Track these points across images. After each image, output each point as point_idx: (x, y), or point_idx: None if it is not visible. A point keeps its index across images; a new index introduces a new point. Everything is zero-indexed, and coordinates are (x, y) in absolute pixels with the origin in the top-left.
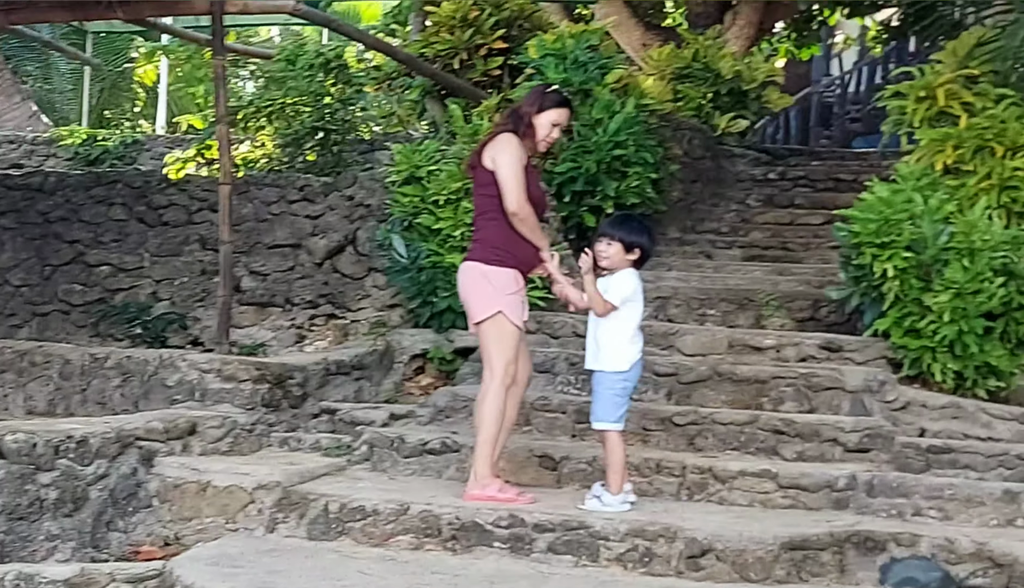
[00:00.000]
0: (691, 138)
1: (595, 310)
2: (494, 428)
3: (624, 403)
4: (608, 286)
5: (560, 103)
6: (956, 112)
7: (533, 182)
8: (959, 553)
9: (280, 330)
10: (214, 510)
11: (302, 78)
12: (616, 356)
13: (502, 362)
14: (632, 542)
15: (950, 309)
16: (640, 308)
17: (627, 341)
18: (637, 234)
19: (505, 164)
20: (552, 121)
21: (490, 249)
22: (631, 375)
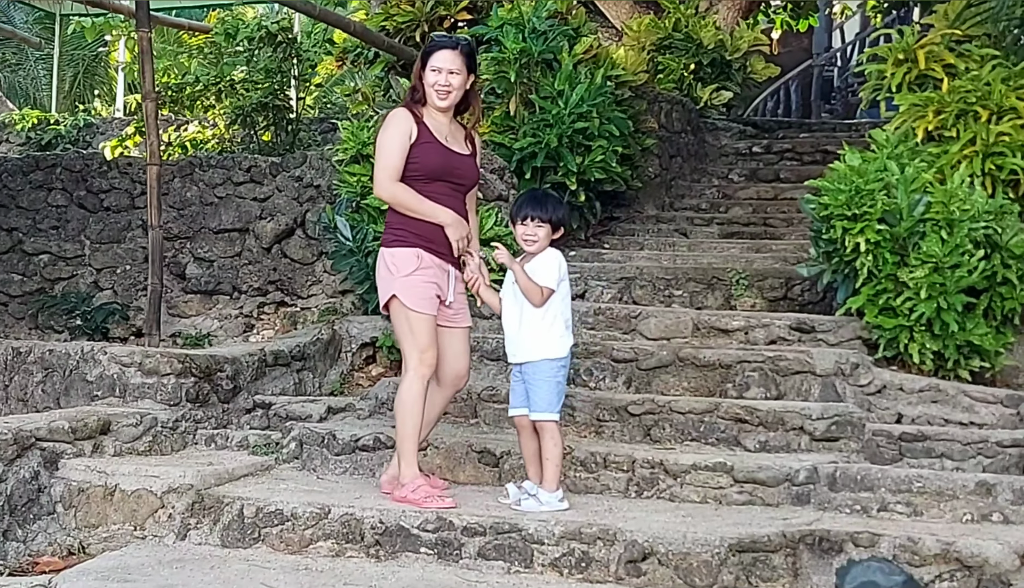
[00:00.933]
0: (669, 111)
1: (533, 301)
2: (410, 424)
3: (561, 390)
4: (535, 270)
5: (435, 47)
6: (938, 75)
7: (433, 152)
8: (923, 554)
9: (227, 319)
10: (121, 516)
11: (241, 53)
12: (554, 343)
13: (414, 351)
14: (568, 546)
15: (927, 285)
16: (568, 288)
17: (563, 325)
18: (560, 210)
19: (378, 144)
20: (432, 68)
21: (389, 230)
22: (567, 360)
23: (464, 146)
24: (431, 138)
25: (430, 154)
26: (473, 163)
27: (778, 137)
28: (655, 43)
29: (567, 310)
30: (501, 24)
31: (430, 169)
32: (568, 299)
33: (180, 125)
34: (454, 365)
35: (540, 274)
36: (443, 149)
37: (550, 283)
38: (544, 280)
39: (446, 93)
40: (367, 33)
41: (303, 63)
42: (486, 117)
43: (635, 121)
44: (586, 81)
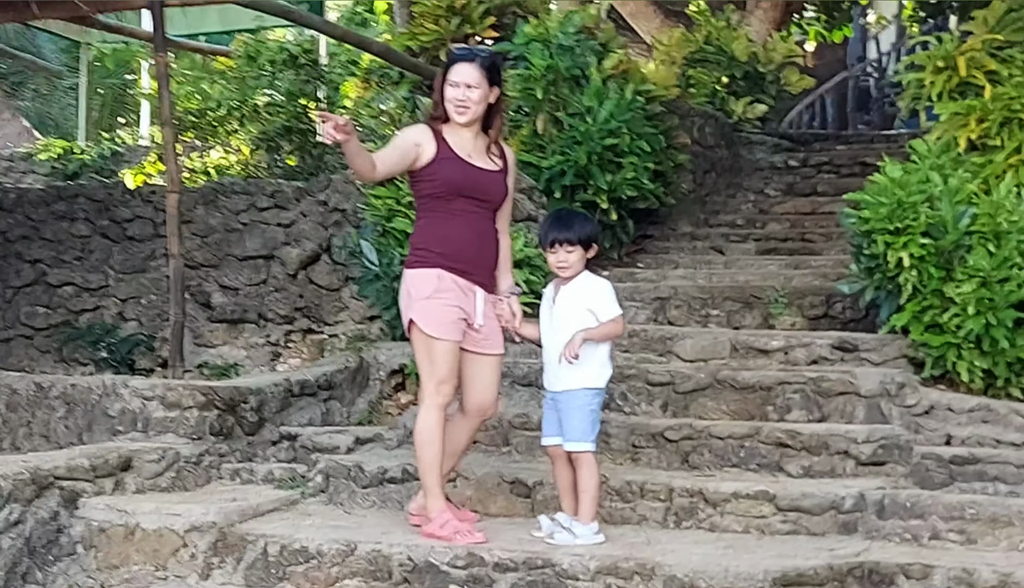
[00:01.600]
0: (702, 125)
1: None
2: (429, 456)
3: (598, 420)
4: (587, 300)
5: (454, 60)
6: (980, 82)
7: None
8: (979, 586)
9: (254, 348)
10: (143, 556)
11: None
12: (595, 372)
13: (430, 380)
14: (604, 581)
15: (975, 300)
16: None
17: (606, 355)
18: (588, 226)
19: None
20: (451, 82)
21: (412, 251)
22: (604, 390)
23: (491, 162)
24: (451, 154)
25: (450, 169)
26: (501, 179)
27: (815, 150)
28: (686, 57)
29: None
30: (527, 41)
31: (451, 185)
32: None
33: (203, 151)
34: (479, 396)
35: (598, 304)
36: (464, 165)
37: (618, 310)
38: (610, 312)
39: (464, 108)
40: (390, 53)
41: (327, 85)
42: (513, 136)
43: (667, 136)
44: (615, 97)
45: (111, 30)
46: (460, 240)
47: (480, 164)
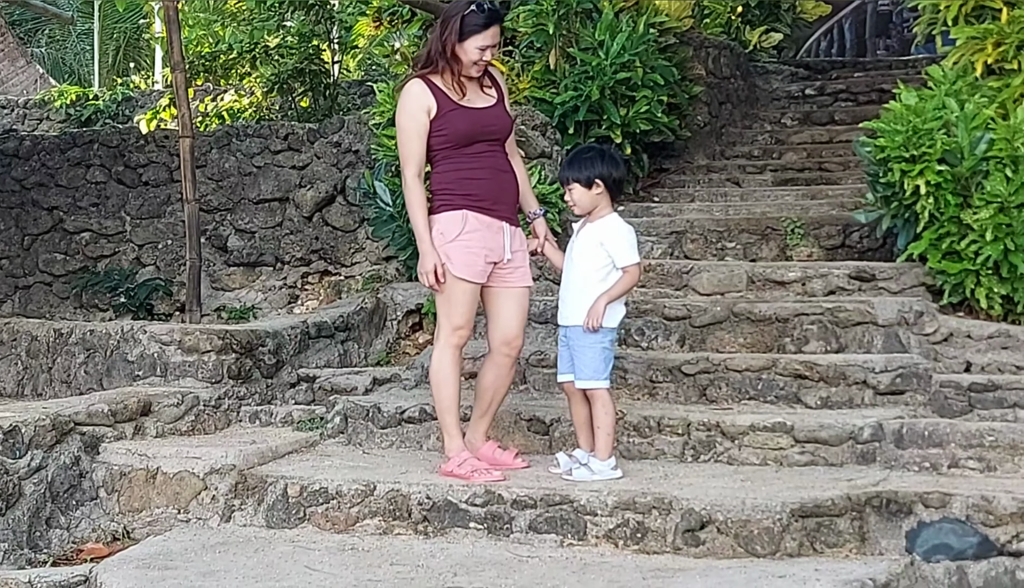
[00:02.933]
0: (717, 56)
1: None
2: (446, 396)
3: (610, 358)
4: (604, 240)
5: (487, 23)
6: (996, 5)
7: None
8: (998, 513)
9: (271, 291)
10: (165, 499)
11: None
12: (610, 312)
13: (447, 322)
14: (622, 516)
15: (993, 226)
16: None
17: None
18: (588, 167)
19: (397, 125)
20: (479, 46)
21: (436, 196)
22: (617, 328)
23: (487, 97)
24: (452, 105)
25: (456, 121)
26: (502, 111)
27: (831, 78)
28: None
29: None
30: None
31: (461, 135)
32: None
33: (217, 94)
34: (502, 329)
35: (615, 247)
36: (467, 112)
37: (634, 258)
38: (625, 259)
39: (482, 68)
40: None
41: (338, 25)
42: (526, 72)
43: (681, 69)
44: (627, 30)
45: None
46: (480, 179)
47: (480, 104)
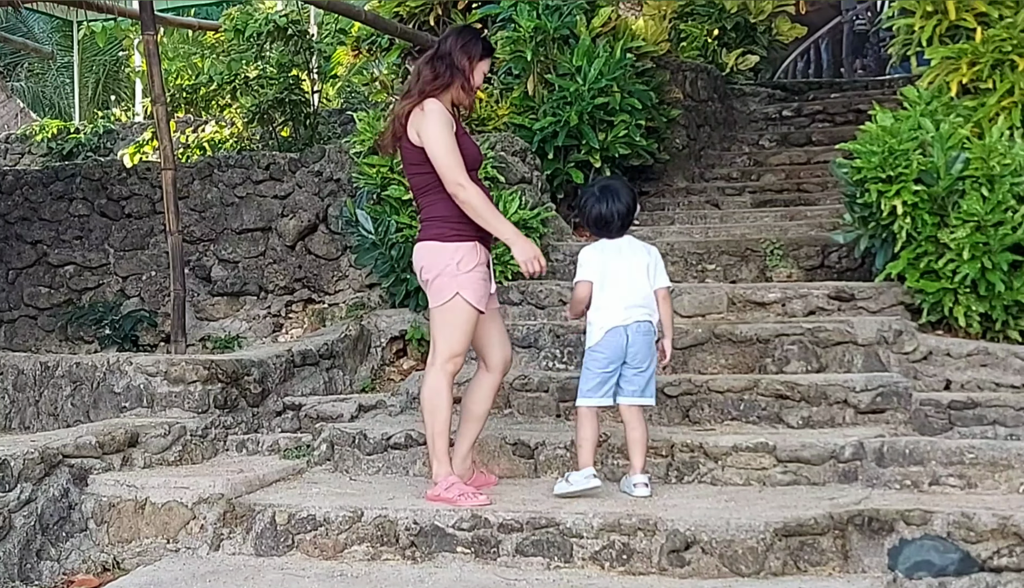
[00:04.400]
0: (694, 79)
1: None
2: (440, 421)
3: (594, 377)
4: None
5: (492, 50)
6: (970, 25)
7: (467, 142)
8: (979, 530)
9: (255, 320)
10: (154, 530)
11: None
12: (589, 331)
13: (446, 349)
14: (608, 538)
15: (970, 245)
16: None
17: (594, 313)
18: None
19: (436, 140)
20: (484, 71)
21: (445, 224)
22: (601, 346)
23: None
24: (460, 129)
25: (466, 146)
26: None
27: (808, 99)
28: (676, 10)
29: (600, 298)
30: (514, 2)
31: (471, 160)
32: (605, 287)
33: (198, 126)
34: (505, 346)
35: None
36: (468, 138)
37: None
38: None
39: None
40: (378, 21)
41: (317, 55)
42: (504, 98)
43: (658, 92)
44: (605, 55)
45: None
46: None
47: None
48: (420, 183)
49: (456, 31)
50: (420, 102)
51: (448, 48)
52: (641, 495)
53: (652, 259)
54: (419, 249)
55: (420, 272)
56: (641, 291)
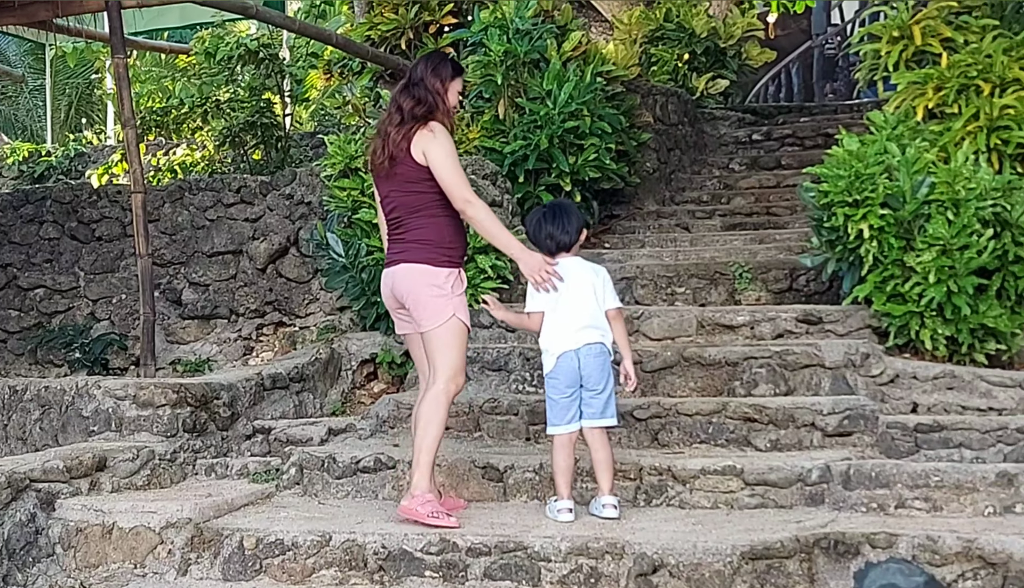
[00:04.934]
0: (664, 103)
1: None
2: (430, 435)
3: (556, 404)
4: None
5: (461, 70)
6: (936, 50)
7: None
8: (944, 553)
9: (226, 343)
10: (121, 554)
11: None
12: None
13: (451, 368)
14: (576, 562)
15: (936, 268)
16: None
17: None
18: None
19: (446, 158)
20: (458, 90)
21: (436, 249)
22: (556, 373)
23: None
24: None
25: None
26: None
27: (778, 123)
28: (647, 35)
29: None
30: (485, 27)
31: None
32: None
33: (169, 149)
34: None
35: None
36: None
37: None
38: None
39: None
40: (350, 44)
41: (289, 78)
42: (475, 122)
43: (629, 116)
44: (575, 79)
45: (70, 33)
46: (464, 239)
47: None
48: (414, 202)
49: (424, 57)
50: (425, 124)
51: (420, 74)
52: (610, 517)
53: (600, 279)
54: (406, 271)
55: (404, 294)
56: (589, 312)
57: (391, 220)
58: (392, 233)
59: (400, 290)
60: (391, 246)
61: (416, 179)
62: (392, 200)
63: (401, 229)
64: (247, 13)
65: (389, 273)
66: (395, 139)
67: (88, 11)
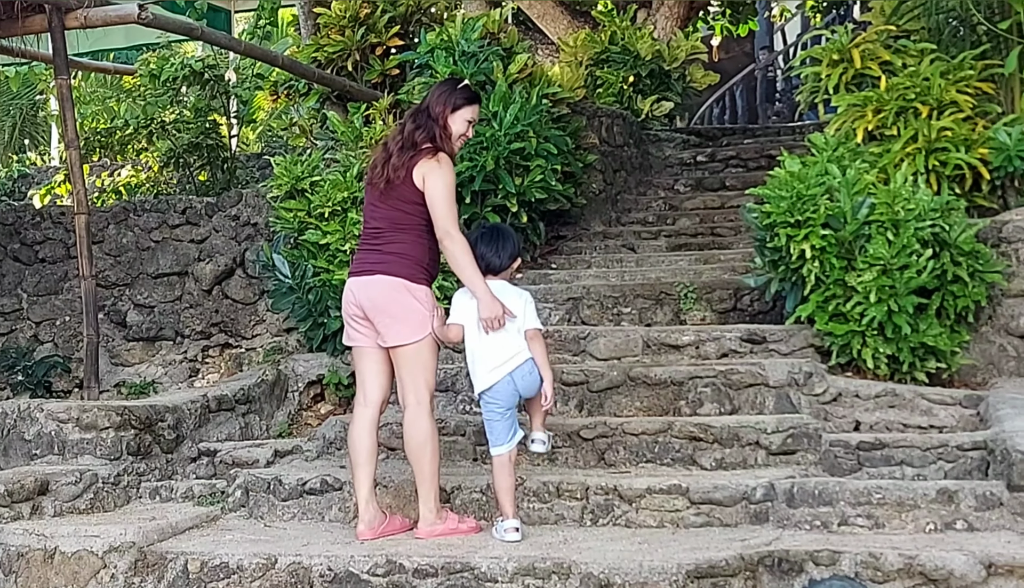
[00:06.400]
0: (610, 125)
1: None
2: (434, 462)
3: (496, 424)
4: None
5: (474, 98)
6: (875, 73)
7: None
8: (886, 570)
9: (171, 365)
10: (63, 579)
11: (165, 93)
12: (472, 378)
13: (429, 385)
14: (522, 582)
15: (876, 288)
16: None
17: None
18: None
19: (445, 188)
20: (467, 118)
21: (415, 266)
22: (493, 394)
23: None
24: None
25: None
26: None
27: (722, 145)
28: (592, 57)
29: (475, 350)
30: (431, 49)
31: None
32: (474, 340)
33: (114, 170)
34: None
35: None
36: None
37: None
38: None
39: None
40: (295, 66)
41: (234, 99)
42: None
43: (575, 138)
44: (521, 101)
45: (13, 54)
46: (438, 261)
47: None
48: (403, 220)
49: (439, 82)
50: (435, 154)
51: (429, 99)
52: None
53: (522, 301)
54: (386, 283)
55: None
56: (516, 336)
57: (370, 229)
58: (368, 242)
59: (373, 301)
60: (364, 255)
61: (410, 200)
62: (379, 212)
63: (380, 240)
64: (192, 34)
65: (360, 282)
66: (396, 164)
67: (31, 32)
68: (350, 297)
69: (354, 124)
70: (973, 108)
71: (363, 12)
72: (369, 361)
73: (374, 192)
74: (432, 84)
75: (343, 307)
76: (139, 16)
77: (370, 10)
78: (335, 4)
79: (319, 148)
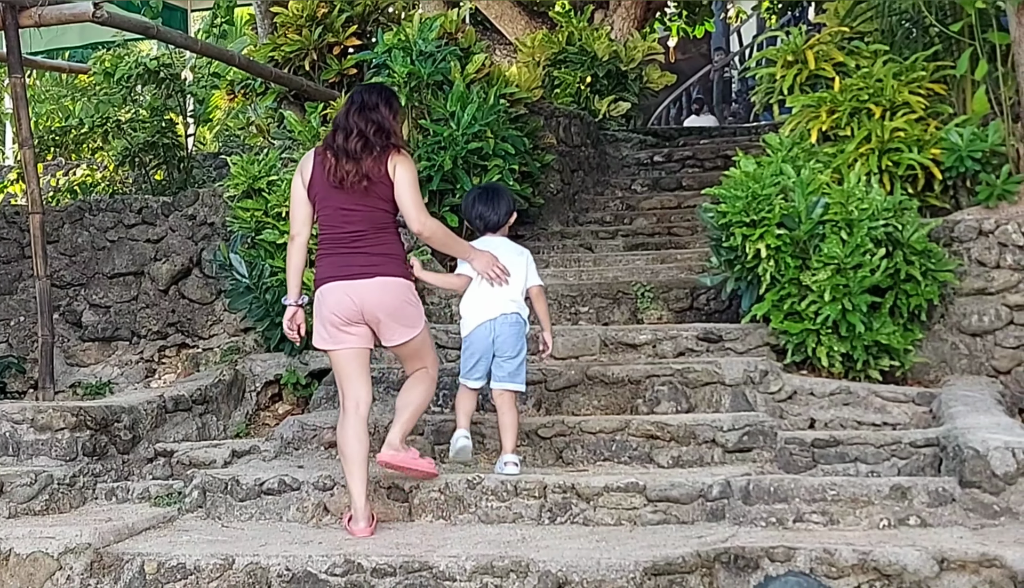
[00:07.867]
0: (568, 125)
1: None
2: (421, 407)
3: (467, 364)
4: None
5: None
6: (829, 74)
7: None
8: (840, 566)
9: (127, 366)
10: (18, 581)
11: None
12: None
13: (436, 360)
14: (481, 580)
15: (831, 287)
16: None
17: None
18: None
19: (413, 180)
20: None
21: (403, 263)
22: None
23: None
24: None
25: None
26: None
27: (679, 145)
28: (550, 58)
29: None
30: (388, 49)
31: None
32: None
33: (68, 169)
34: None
35: None
36: None
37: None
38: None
39: None
40: (252, 65)
41: (190, 98)
42: None
43: (532, 138)
44: (478, 101)
45: None
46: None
47: None
48: (382, 219)
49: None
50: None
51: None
52: (511, 473)
53: (525, 259)
54: (392, 285)
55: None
56: (511, 288)
57: (347, 232)
58: (347, 245)
59: (382, 303)
60: (346, 258)
61: (388, 198)
62: (358, 214)
63: (363, 242)
64: (148, 33)
65: (354, 286)
66: (370, 164)
67: None
68: (345, 301)
69: (311, 123)
70: (925, 109)
71: (320, 11)
72: (356, 363)
73: (347, 195)
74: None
75: (327, 312)
76: (94, 15)
77: (327, 9)
78: (292, 3)
79: (276, 147)
